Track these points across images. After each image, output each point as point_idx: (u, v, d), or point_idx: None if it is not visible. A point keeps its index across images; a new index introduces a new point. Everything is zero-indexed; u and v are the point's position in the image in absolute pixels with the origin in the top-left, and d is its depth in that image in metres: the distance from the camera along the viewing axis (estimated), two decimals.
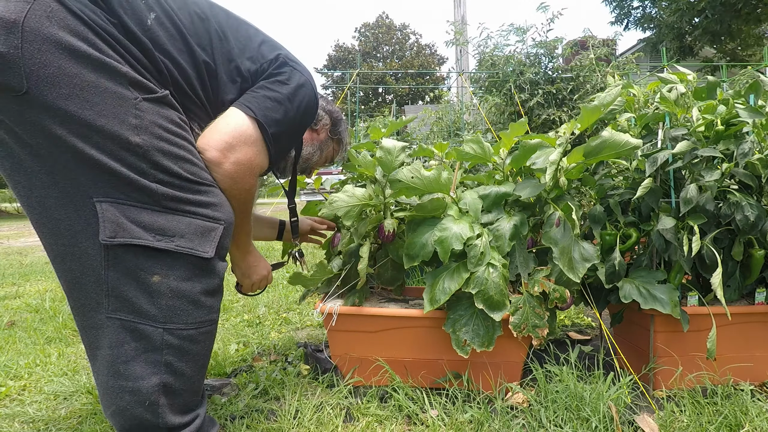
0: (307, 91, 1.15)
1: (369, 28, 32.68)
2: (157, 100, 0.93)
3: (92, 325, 0.93)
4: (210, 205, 0.99)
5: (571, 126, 1.41)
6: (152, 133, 0.91)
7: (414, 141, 4.85)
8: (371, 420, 1.31)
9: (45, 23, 0.80)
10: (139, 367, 0.93)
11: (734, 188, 1.41)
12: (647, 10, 10.34)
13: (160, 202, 0.92)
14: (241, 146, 1.03)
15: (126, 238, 0.88)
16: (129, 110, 0.88)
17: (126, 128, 0.87)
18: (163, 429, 0.96)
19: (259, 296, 2.86)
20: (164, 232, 0.92)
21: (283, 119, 1.10)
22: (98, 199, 0.87)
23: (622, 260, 1.44)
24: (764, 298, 1.47)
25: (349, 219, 1.46)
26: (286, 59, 1.14)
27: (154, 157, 0.90)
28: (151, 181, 0.90)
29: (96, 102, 0.84)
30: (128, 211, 0.89)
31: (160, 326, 0.93)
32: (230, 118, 1.04)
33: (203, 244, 0.96)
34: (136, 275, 0.91)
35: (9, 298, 2.98)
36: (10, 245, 6.45)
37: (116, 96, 0.87)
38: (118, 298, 0.91)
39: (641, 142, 1.31)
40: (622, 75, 3.62)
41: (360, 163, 1.50)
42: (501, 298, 1.31)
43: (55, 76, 0.81)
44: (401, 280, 1.74)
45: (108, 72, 0.86)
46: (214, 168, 1.02)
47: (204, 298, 0.98)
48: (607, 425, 1.20)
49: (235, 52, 1.08)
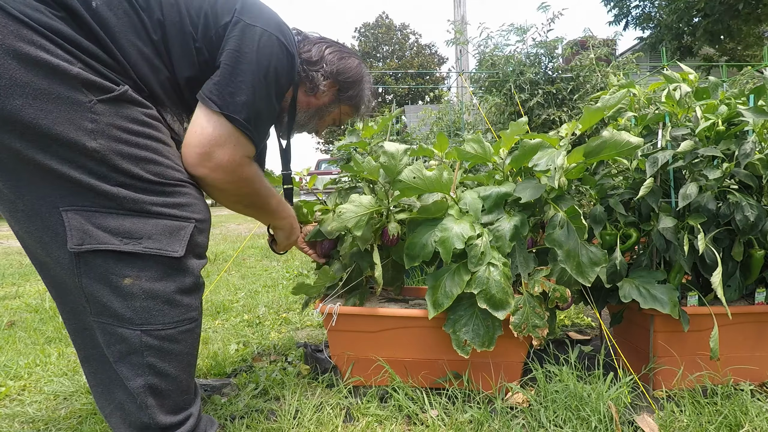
0: (271, 48, 1.01)
1: (369, 28, 32.66)
2: (114, 100, 0.89)
3: (84, 327, 0.95)
4: (177, 205, 0.96)
5: (573, 126, 1.41)
6: (110, 136, 0.87)
7: (414, 141, 4.85)
8: (371, 420, 1.31)
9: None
10: (125, 368, 0.94)
11: (734, 188, 1.41)
12: (646, 10, 10.34)
13: (124, 205, 0.90)
14: (216, 150, 0.99)
15: (93, 244, 0.87)
16: (84, 114, 0.85)
17: (82, 134, 0.84)
18: (156, 429, 0.96)
19: (258, 296, 2.87)
20: (131, 234, 0.90)
21: (252, 97, 1.00)
22: (64, 208, 0.86)
23: (623, 260, 1.44)
24: (764, 298, 1.47)
25: (359, 229, 1.45)
26: (239, 17, 1.00)
27: (113, 161, 0.88)
28: (112, 185, 0.88)
29: (50, 110, 0.82)
30: (93, 217, 0.88)
31: (137, 328, 0.93)
32: (195, 125, 0.99)
33: (172, 244, 0.94)
34: (108, 279, 0.90)
35: (9, 298, 2.98)
36: (10, 245, 6.45)
37: (70, 101, 0.83)
38: (96, 303, 0.91)
39: (642, 141, 1.31)
40: (623, 75, 3.62)
41: (365, 169, 1.50)
42: (504, 296, 1.31)
43: (7, 88, 0.78)
44: (401, 280, 1.74)
45: (59, 76, 0.82)
46: (206, 180, 1.01)
47: (179, 297, 0.97)
48: (607, 425, 1.20)
49: (187, 20, 0.98)
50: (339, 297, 1.59)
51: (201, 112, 0.99)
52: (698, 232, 1.33)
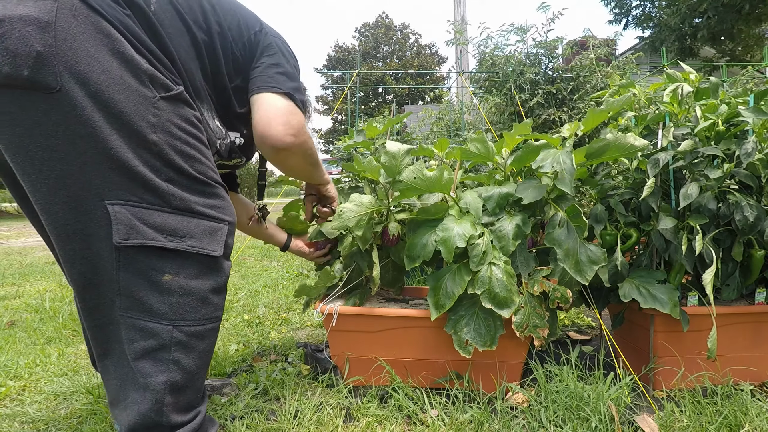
0: (290, 49, 1.27)
1: (369, 28, 32.66)
2: (173, 98, 0.95)
3: (110, 322, 0.95)
4: (215, 206, 1.02)
5: (575, 127, 1.41)
6: (167, 131, 0.93)
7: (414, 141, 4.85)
8: (371, 420, 1.31)
9: (72, 21, 0.82)
10: (147, 365, 0.95)
11: (734, 188, 1.41)
12: (646, 10, 10.33)
13: (171, 203, 0.94)
14: (291, 118, 1.13)
15: (139, 240, 0.90)
16: (148, 108, 0.90)
17: (145, 125, 0.90)
18: (167, 427, 0.97)
19: (259, 296, 2.87)
20: (176, 232, 0.94)
21: (295, 82, 1.19)
22: (110, 201, 0.88)
23: (624, 260, 1.44)
24: (764, 298, 1.47)
25: (360, 228, 1.45)
26: (262, 26, 1.22)
27: (168, 155, 0.93)
28: (162, 179, 0.93)
29: (120, 99, 0.86)
30: (139, 213, 0.91)
31: (169, 323, 0.95)
32: (269, 105, 1.12)
33: (212, 243, 1.00)
34: (148, 275, 0.93)
35: (9, 298, 2.98)
36: (10, 245, 6.45)
37: (138, 94, 0.89)
38: (129, 297, 0.93)
39: (647, 143, 1.31)
40: (623, 75, 3.62)
41: (365, 168, 1.50)
42: (508, 294, 1.30)
43: (86, 74, 0.83)
44: (402, 281, 1.74)
45: (131, 68, 0.88)
46: (291, 148, 1.13)
47: (211, 296, 1.01)
48: (607, 425, 1.20)
49: (225, 26, 1.12)
50: (339, 297, 1.59)
51: (268, 95, 1.13)
52: (697, 232, 1.33)
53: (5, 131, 0.82)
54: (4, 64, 0.78)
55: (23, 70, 0.78)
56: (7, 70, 0.78)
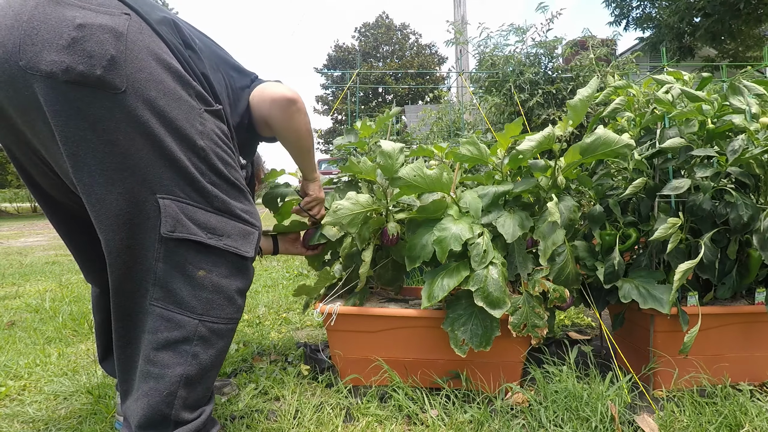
0: None
1: (369, 28, 32.67)
2: (214, 113, 1.06)
3: (139, 310, 1.00)
4: (248, 212, 1.11)
5: (565, 123, 1.41)
6: (211, 139, 1.03)
7: (414, 141, 4.85)
8: (371, 420, 1.31)
9: (139, 36, 0.94)
10: (167, 355, 0.98)
11: (731, 187, 1.41)
12: (646, 10, 10.33)
13: (213, 204, 1.03)
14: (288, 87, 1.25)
15: (184, 233, 0.98)
16: (196, 117, 1.01)
17: (194, 132, 1.00)
18: (173, 422, 1.00)
19: (259, 296, 2.87)
20: (215, 231, 1.02)
21: None
22: (161, 195, 0.96)
23: (621, 260, 1.44)
24: (764, 298, 1.47)
25: (354, 227, 1.45)
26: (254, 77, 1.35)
27: (212, 161, 1.02)
28: (207, 182, 1.02)
29: (174, 107, 0.97)
30: (186, 209, 0.99)
31: (196, 318, 1.00)
32: (271, 85, 1.26)
33: (245, 245, 1.08)
34: (184, 268, 0.99)
35: (9, 298, 2.98)
36: (10, 245, 6.45)
37: (188, 104, 0.99)
38: (163, 288, 0.98)
39: (633, 142, 1.32)
40: (621, 75, 3.61)
41: (361, 169, 1.50)
42: (500, 295, 1.31)
43: (147, 80, 0.93)
44: (401, 280, 1.74)
45: (183, 82, 0.99)
46: (297, 104, 1.23)
47: (237, 297, 1.08)
48: (607, 425, 1.20)
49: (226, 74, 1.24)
50: (339, 297, 1.59)
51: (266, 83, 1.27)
52: (688, 232, 1.33)
53: (71, 123, 0.89)
54: (80, 63, 0.86)
55: (96, 69, 0.87)
56: (81, 69, 0.86)
